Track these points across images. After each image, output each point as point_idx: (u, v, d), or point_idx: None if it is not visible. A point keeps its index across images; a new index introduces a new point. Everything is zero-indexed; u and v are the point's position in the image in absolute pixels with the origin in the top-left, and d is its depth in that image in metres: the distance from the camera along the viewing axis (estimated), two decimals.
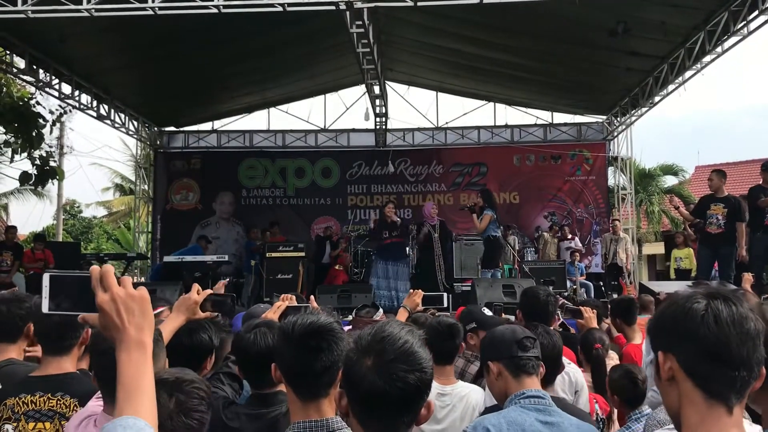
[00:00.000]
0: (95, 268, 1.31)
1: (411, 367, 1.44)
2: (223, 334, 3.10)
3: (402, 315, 3.69)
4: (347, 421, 1.60)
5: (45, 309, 1.37)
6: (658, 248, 20.53)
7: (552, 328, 3.60)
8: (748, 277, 6.01)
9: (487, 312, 3.73)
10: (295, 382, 1.77)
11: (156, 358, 2.04)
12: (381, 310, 4.13)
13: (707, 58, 10.63)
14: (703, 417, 1.29)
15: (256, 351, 2.34)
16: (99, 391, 2.16)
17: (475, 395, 3.02)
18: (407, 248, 10.72)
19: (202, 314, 2.57)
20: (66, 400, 2.34)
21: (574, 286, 11.96)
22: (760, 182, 8.61)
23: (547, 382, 2.59)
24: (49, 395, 2.34)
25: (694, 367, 1.30)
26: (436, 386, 3.04)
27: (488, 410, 2.51)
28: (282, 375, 1.83)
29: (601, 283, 13.35)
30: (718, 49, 10.23)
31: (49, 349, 2.46)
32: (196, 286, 2.58)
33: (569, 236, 13.84)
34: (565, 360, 3.31)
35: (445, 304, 4.78)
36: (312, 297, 3.21)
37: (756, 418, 1.61)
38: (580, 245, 14.11)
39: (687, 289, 1.40)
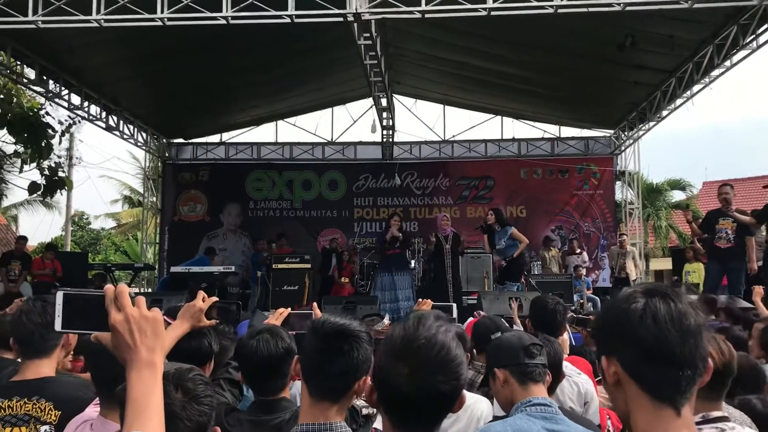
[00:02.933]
0: (110, 288, 1.33)
1: (448, 377, 1.40)
2: (226, 341, 3.07)
3: None
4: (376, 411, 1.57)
5: (58, 327, 1.38)
6: (666, 263, 20.41)
7: (561, 338, 3.56)
8: (759, 290, 5.93)
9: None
10: (310, 378, 1.76)
11: None
12: (386, 319, 4.08)
13: (715, 72, 10.61)
14: (652, 420, 1.26)
15: (259, 358, 2.32)
16: (97, 398, 2.15)
17: (480, 405, 2.97)
18: (408, 258, 10.64)
19: (207, 322, 2.55)
20: (41, 404, 2.35)
21: (581, 300, 11.87)
22: None
23: (550, 390, 2.55)
24: (26, 399, 2.35)
25: (637, 370, 1.27)
26: None
27: (495, 419, 2.48)
28: (301, 369, 1.82)
29: (609, 298, 13.25)
30: (727, 63, 10.20)
31: (29, 352, 2.46)
32: (201, 293, 2.57)
33: (577, 251, 13.77)
34: (574, 369, 3.26)
35: (455, 315, 4.73)
36: (314, 304, 3.18)
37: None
38: (588, 260, 14.03)
39: (626, 289, 1.37)
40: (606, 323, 1.35)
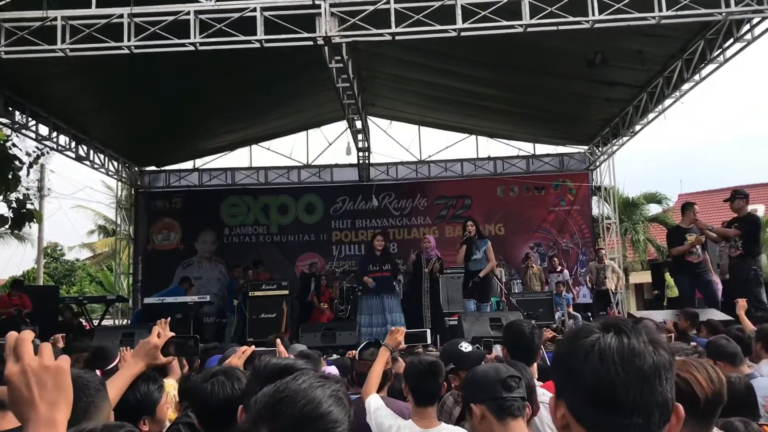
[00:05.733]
0: (11, 335, 1.17)
1: None
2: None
3: (384, 354, 3.51)
4: None
5: None
6: (645, 277, 20.47)
7: (537, 362, 3.44)
8: (742, 304, 5.90)
9: (466, 348, 3.48)
10: None
11: (98, 411, 1.88)
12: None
13: (686, 86, 10.70)
14: None
15: (214, 402, 2.17)
16: None
17: None
18: (394, 282, 10.40)
19: (164, 359, 2.41)
20: None
21: (562, 318, 11.83)
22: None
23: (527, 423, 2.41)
24: None
25: (582, 414, 1.13)
26: (417, 430, 2.88)
27: None
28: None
29: (590, 314, 13.23)
30: (696, 77, 10.30)
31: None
32: (156, 329, 2.43)
33: (558, 268, 13.73)
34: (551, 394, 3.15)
35: (429, 341, 4.58)
36: (278, 341, 3.04)
37: None
38: (569, 276, 14.01)
39: (584, 323, 1.24)
40: (556, 359, 1.22)
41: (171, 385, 3.32)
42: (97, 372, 2.57)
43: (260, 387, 1.56)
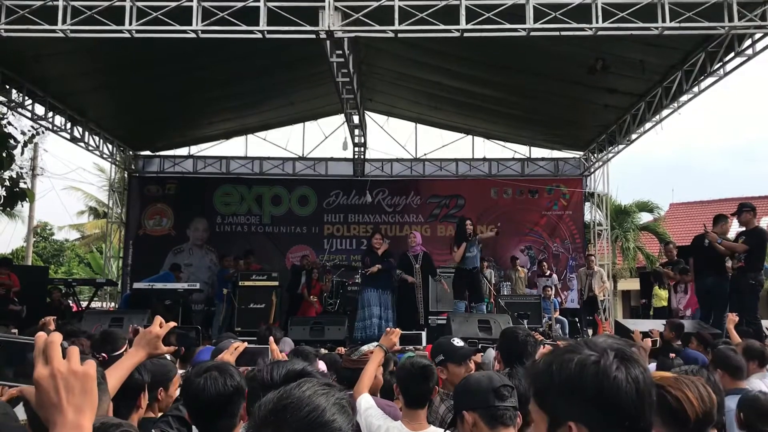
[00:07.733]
0: (40, 336, 1.18)
1: None
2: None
3: (378, 355, 3.52)
4: None
5: None
6: (633, 284, 20.58)
7: None
8: (732, 318, 5.91)
9: (457, 342, 3.45)
10: None
11: (99, 404, 1.88)
12: (367, 346, 3.86)
13: (684, 98, 10.73)
14: None
15: (206, 397, 2.18)
16: None
17: None
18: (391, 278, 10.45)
19: (165, 349, 2.42)
20: None
21: (549, 322, 11.87)
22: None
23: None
24: None
25: None
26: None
27: None
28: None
29: (577, 319, 13.29)
30: (695, 89, 10.34)
31: None
32: (158, 319, 2.44)
33: (547, 272, 13.78)
34: None
35: (424, 344, 4.56)
36: (271, 339, 3.04)
37: None
38: (557, 281, 14.06)
39: (584, 348, 1.27)
40: (567, 383, 1.24)
41: None
42: (104, 356, 2.57)
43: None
